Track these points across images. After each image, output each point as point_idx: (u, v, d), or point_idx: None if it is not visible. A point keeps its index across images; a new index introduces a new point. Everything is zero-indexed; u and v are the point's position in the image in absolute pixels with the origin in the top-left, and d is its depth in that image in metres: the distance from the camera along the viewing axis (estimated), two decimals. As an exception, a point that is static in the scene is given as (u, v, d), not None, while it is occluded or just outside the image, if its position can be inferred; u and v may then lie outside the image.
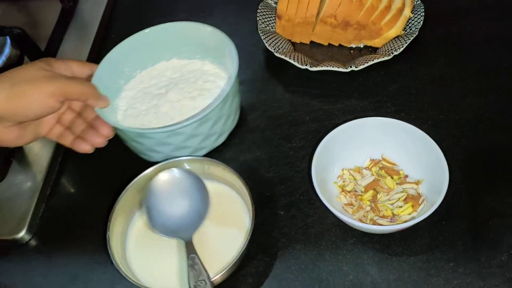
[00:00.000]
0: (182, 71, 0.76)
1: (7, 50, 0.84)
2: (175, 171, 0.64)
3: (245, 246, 0.58)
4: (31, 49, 0.83)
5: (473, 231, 0.62)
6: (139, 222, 0.66)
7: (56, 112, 0.64)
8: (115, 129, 0.66)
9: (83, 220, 0.71)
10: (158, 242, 0.63)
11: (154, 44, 0.75)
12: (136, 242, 0.65)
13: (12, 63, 0.84)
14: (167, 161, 0.66)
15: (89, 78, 0.68)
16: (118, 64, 0.74)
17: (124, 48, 0.74)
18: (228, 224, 0.64)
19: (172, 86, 0.74)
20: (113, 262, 0.59)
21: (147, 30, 0.75)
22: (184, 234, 0.61)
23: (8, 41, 0.85)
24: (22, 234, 0.68)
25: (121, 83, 0.75)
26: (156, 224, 0.62)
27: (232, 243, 0.62)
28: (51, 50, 0.86)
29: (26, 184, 0.72)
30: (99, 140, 0.65)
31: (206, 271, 0.57)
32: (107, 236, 0.60)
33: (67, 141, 0.67)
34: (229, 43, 0.71)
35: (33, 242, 0.69)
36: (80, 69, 0.67)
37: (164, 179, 0.63)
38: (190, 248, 0.60)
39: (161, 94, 0.73)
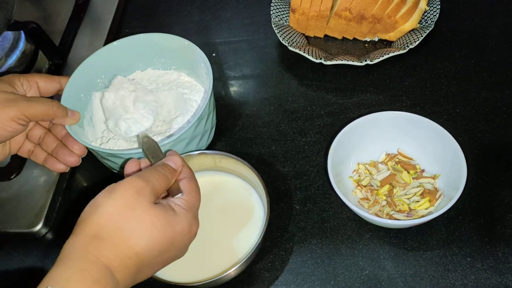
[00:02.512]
0: (158, 82, 0.74)
1: (22, 44, 0.85)
2: None
3: (260, 240, 0.58)
4: (45, 43, 0.83)
5: (490, 226, 0.62)
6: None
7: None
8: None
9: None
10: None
11: (127, 54, 0.73)
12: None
13: (27, 58, 0.84)
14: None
15: (59, 92, 0.66)
16: (91, 76, 0.71)
17: (96, 60, 0.71)
18: (242, 217, 0.64)
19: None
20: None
21: (119, 41, 0.73)
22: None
23: (23, 36, 0.85)
24: (39, 227, 0.69)
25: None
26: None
27: (247, 237, 0.62)
28: (65, 45, 0.86)
29: (42, 178, 0.72)
30: (73, 159, 0.64)
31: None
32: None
33: (40, 159, 0.65)
34: (203, 57, 0.68)
35: (49, 235, 0.70)
36: (46, 84, 0.64)
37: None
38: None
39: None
